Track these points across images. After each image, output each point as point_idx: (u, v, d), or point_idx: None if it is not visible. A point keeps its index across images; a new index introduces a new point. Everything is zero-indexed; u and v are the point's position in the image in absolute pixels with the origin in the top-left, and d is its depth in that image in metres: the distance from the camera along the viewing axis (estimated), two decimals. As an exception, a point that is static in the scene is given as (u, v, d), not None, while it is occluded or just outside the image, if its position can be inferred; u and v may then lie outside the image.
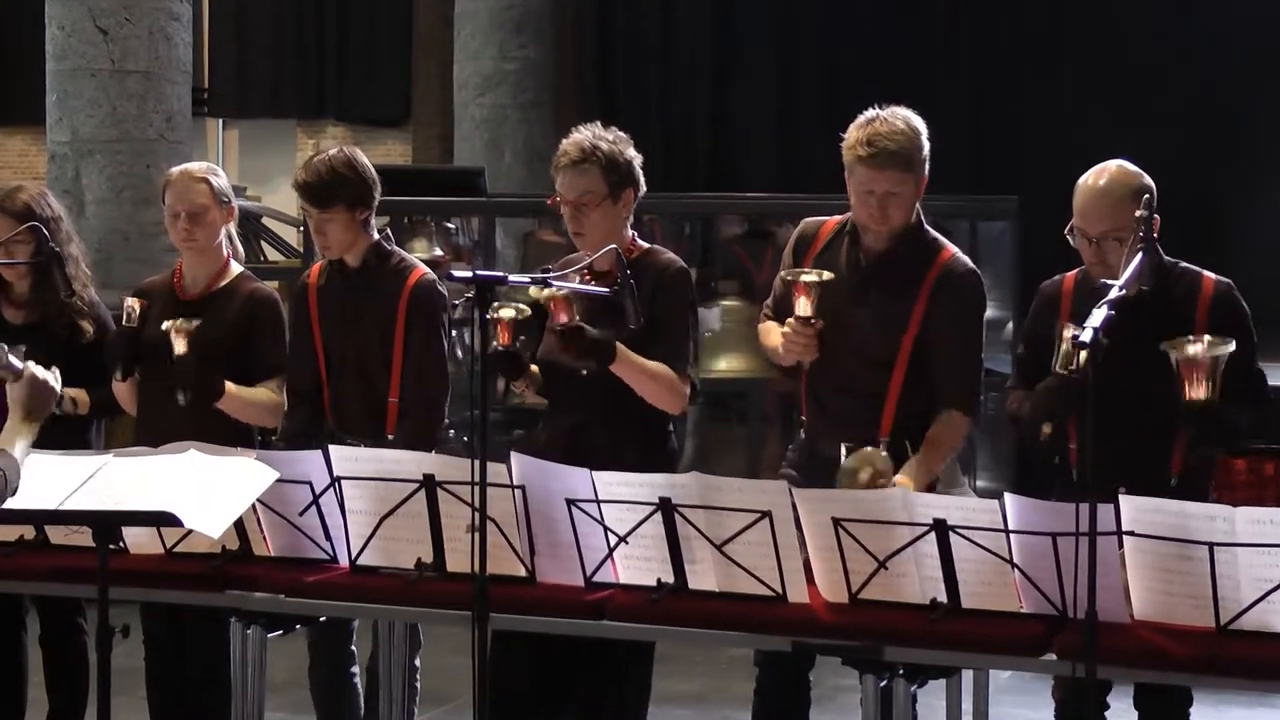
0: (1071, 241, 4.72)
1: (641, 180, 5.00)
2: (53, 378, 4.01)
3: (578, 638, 4.52)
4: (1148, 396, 4.50)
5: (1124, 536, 4.01)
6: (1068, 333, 4.39)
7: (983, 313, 4.93)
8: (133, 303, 5.35)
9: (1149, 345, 4.43)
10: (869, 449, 4.68)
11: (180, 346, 5.14)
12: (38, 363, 4.02)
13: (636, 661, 4.94)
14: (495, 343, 4.78)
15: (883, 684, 4.17)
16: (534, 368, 4.97)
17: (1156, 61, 11.52)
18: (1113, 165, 4.74)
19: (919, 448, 4.77)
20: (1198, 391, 4.33)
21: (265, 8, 15.94)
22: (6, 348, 4.04)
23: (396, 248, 5.42)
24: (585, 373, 4.82)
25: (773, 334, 4.95)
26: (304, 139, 15.58)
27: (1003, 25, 12.21)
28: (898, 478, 4.63)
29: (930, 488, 4.61)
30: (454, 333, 9.30)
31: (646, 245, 5.06)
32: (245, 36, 16.03)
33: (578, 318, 4.75)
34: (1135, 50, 11.52)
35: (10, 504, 3.99)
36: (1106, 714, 4.64)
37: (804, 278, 4.77)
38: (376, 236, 5.34)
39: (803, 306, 4.75)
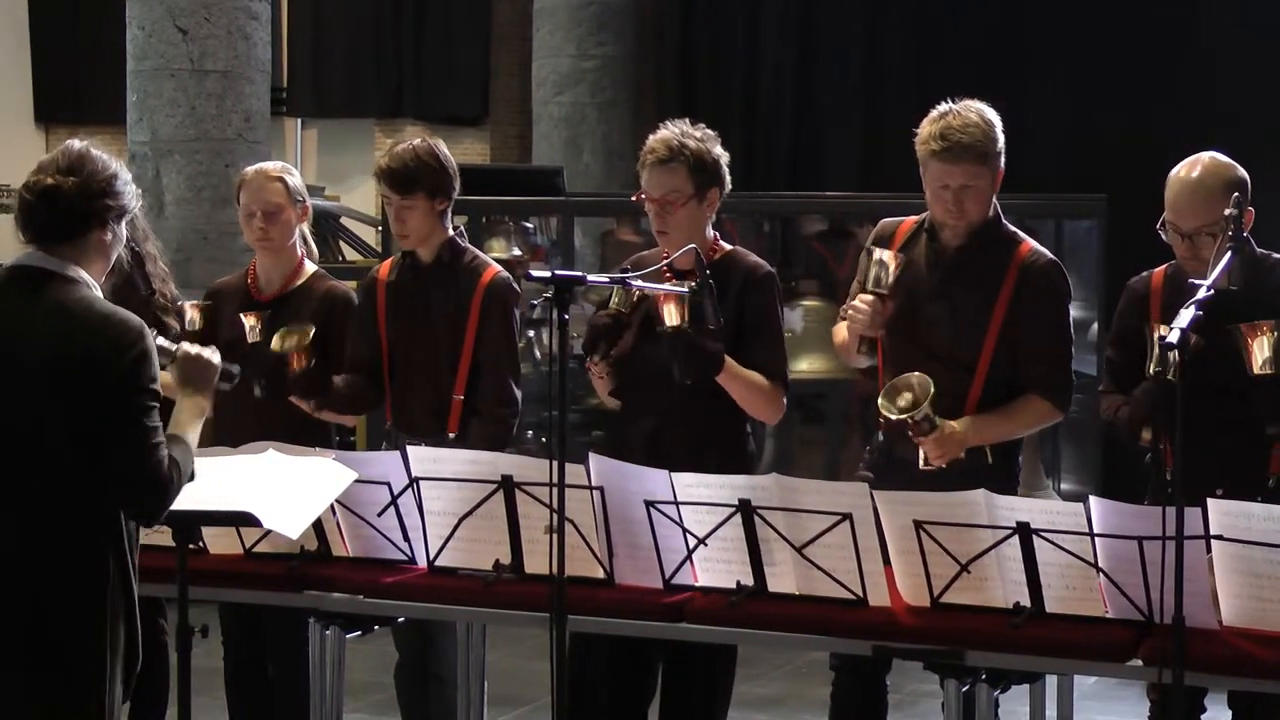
0: (1164, 236, 4.65)
1: (727, 179, 4.96)
2: (208, 351, 4.05)
3: (657, 640, 4.50)
4: (1243, 395, 4.42)
5: (1212, 541, 3.95)
6: (1161, 333, 4.33)
7: (1068, 302, 4.87)
8: (193, 313, 5.37)
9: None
10: (912, 374, 4.60)
11: (253, 336, 5.17)
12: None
13: (720, 665, 4.90)
14: (606, 311, 4.75)
15: (965, 689, 4.13)
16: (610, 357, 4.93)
17: (1242, 58, 11.39)
18: (1205, 157, 4.66)
19: (997, 457, 4.72)
20: (1261, 357, 4.26)
21: (344, 7, 15.99)
22: (155, 333, 4.10)
23: (470, 245, 5.41)
24: (687, 382, 4.77)
25: (843, 333, 4.91)
26: (382, 138, 15.61)
27: (1089, 23, 12.10)
28: (954, 424, 4.57)
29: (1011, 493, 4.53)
30: (530, 333, 9.31)
31: (729, 246, 5.02)
32: (323, 36, 16.09)
33: (686, 322, 4.69)
34: (1223, 47, 11.39)
35: None
36: (1203, 718, 4.58)
37: (884, 252, 4.71)
38: (452, 232, 5.33)
39: (885, 273, 4.70)
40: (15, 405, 3.67)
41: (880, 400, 4.63)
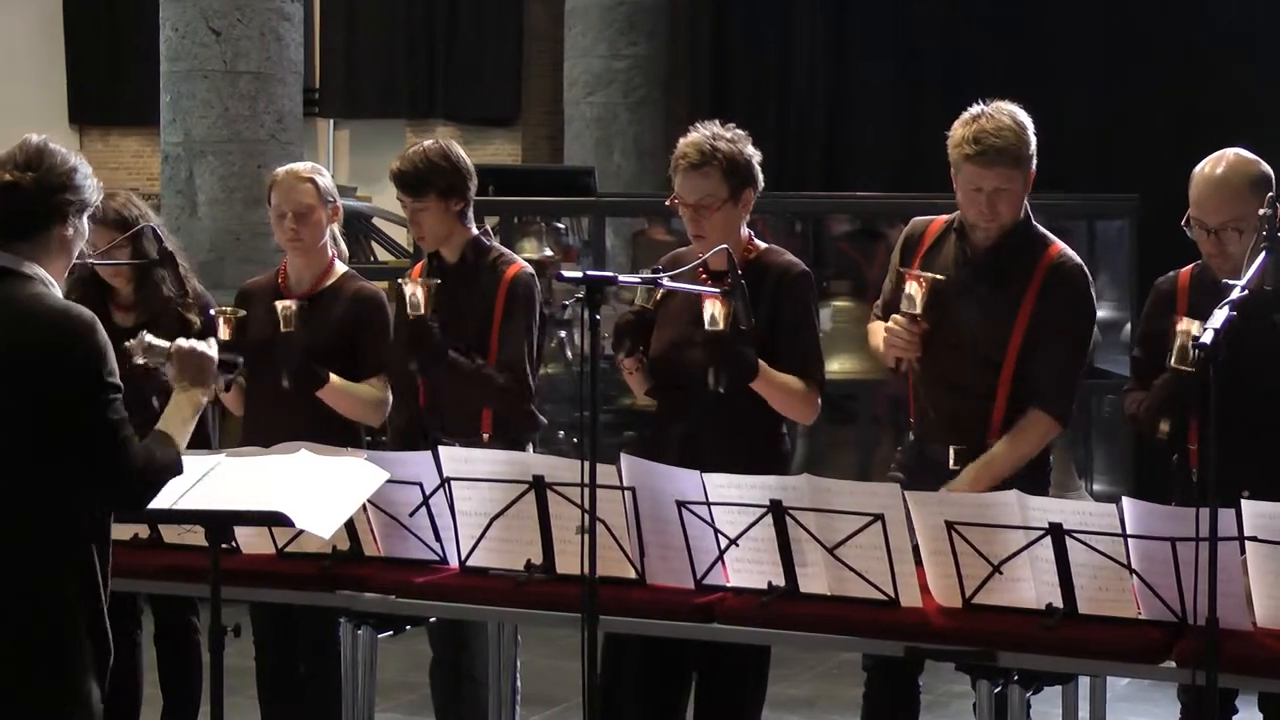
0: (1189, 233, 4.64)
1: (760, 178, 4.94)
2: (203, 345, 4.01)
3: (690, 641, 4.49)
4: (1273, 395, 4.40)
5: (1246, 542, 3.94)
6: (1182, 326, 4.31)
7: (1090, 311, 4.85)
8: (224, 327, 5.37)
9: (1274, 342, 4.34)
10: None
11: (285, 324, 5.18)
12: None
13: (754, 666, 4.90)
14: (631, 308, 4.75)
15: (997, 690, 4.12)
16: (644, 359, 4.92)
17: (1276, 57, 11.34)
18: (1230, 153, 4.64)
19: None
20: None
21: (376, 8, 16.03)
22: (147, 334, 4.09)
23: (495, 243, 5.41)
24: (721, 388, 4.75)
25: (879, 333, 4.90)
26: (414, 139, 15.58)
27: (1122, 21, 12.06)
28: (962, 475, 4.58)
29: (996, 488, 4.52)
30: (561, 334, 9.31)
31: (764, 245, 5.01)
32: (356, 37, 16.13)
33: (728, 327, 4.66)
34: (1262, 45, 11.34)
35: None
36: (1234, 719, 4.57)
37: (918, 271, 4.72)
38: (475, 231, 5.33)
39: (914, 301, 4.70)
40: None
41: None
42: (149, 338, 4.10)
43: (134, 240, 5.50)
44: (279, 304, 5.24)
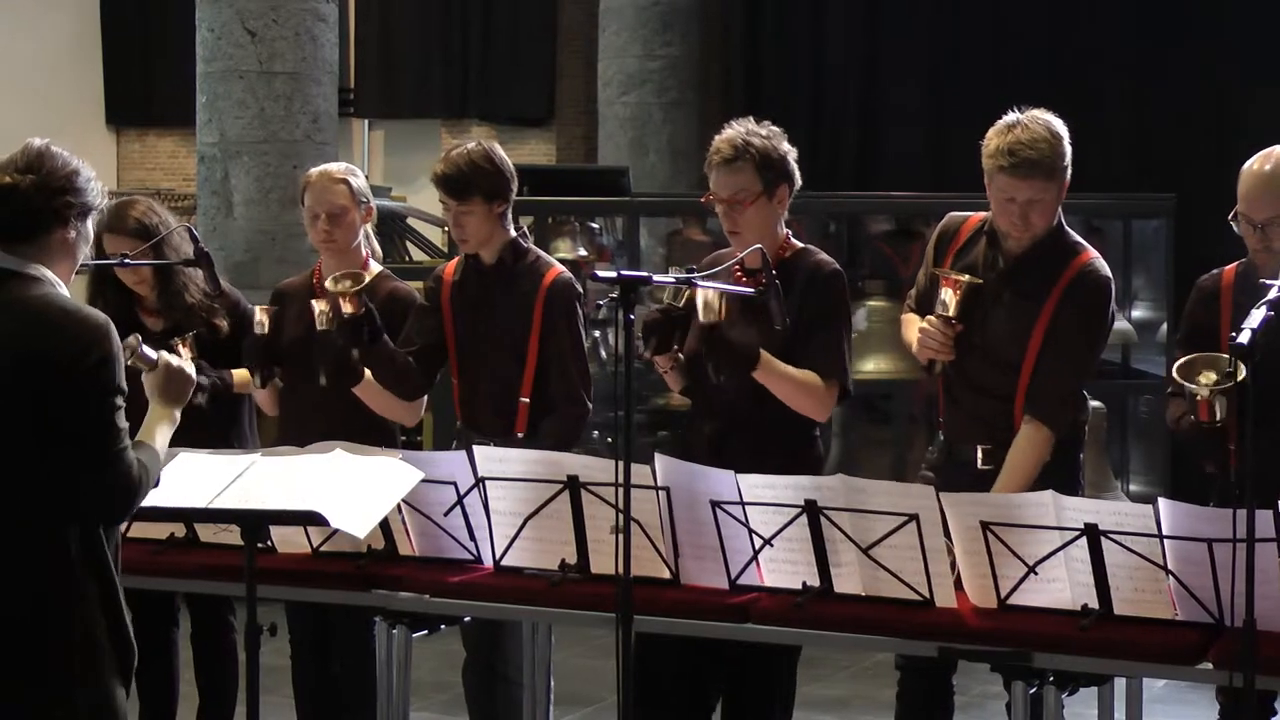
0: (1235, 228, 4.62)
1: (796, 174, 4.93)
2: (189, 365, 4.00)
3: (721, 640, 4.49)
4: None
5: (1283, 543, 3.92)
6: (1195, 387, 4.23)
7: (1102, 324, 4.81)
8: (262, 315, 5.39)
9: None
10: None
11: (322, 322, 5.19)
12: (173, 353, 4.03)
13: (781, 665, 4.89)
14: (657, 306, 4.75)
15: (1032, 691, 4.10)
16: (681, 356, 4.93)
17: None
18: (1278, 150, 4.63)
19: (1055, 454, 4.70)
20: None
21: (410, 9, 16.05)
22: (140, 339, 4.08)
23: (533, 245, 5.41)
24: (721, 379, 4.75)
25: (913, 326, 4.89)
26: (448, 139, 15.65)
27: (1155, 19, 12.01)
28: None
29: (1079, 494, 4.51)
30: (596, 333, 9.31)
31: (800, 245, 5.00)
32: (390, 37, 16.16)
33: (724, 318, 4.69)
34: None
35: (161, 501, 4.02)
36: (1272, 720, 4.55)
37: (953, 275, 4.70)
38: (514, 233, 5.34)
39: (947, 305, 4.68)
40: None
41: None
42: (142, 345, 4.06)
43: (155, 248, 5.48)
44: (315, 303, 5.25)
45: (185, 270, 5.56)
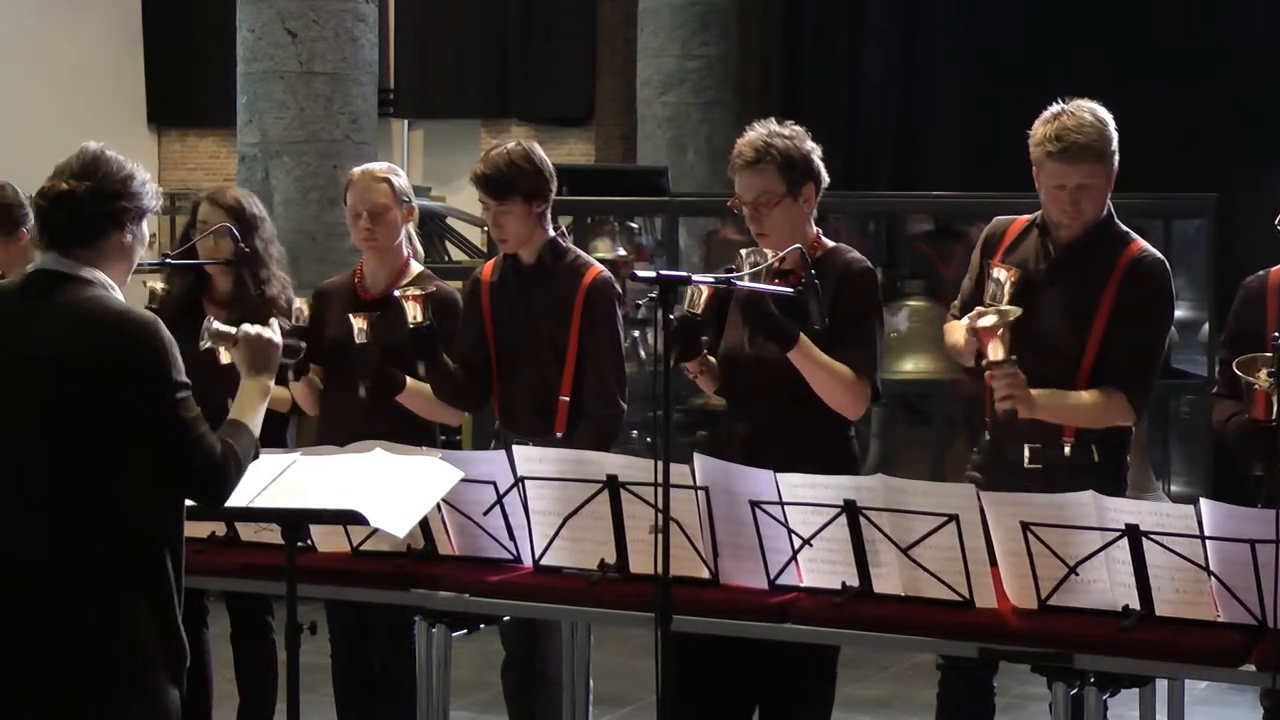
0: None
1: (823, 173, 4.91)
2: (269, 330, 4.02)
3: (760, 640, 4.48)
4: None
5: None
6: (1261, 383, 4.22)
7: (1169, 306, 4.81)
8: (301, 304, 5.42)
9: None
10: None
11: (361, 337, 5.21)
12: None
13: (821, 666, 4.88)
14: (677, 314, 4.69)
15: (1073, 692, 4.09)
16: (711, 359, 4.92)
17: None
18: None
19: (1103, 454, 4.68)
20: None
21: (450, 9, 16.07)
22: (212, 319, 4.12)
23: (573, 245, 5.41)
24: (755, 347, 4.71)
25: (956, 331, 4.87)
26: (487, 139, 15.66)
27: (1195, 16, 11.96)
28: (1039, 392, 4.53)
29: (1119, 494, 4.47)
30: (635, 333, 9.31)
31: (831, 243, 4.99)
32: (430, 37, 16.18)
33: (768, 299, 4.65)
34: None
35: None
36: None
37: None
38: (553, 233, 5.34)
39: (1000, 295, 4.65)
40: (33, 404, 3.63)
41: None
42: (215, 324, 4.11)
43: (229, 237, 5.58)
44: (353, 319, 5.26)
45: (271, 265, 5.65)
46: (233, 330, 4.04)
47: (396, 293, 5.24)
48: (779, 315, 4.67)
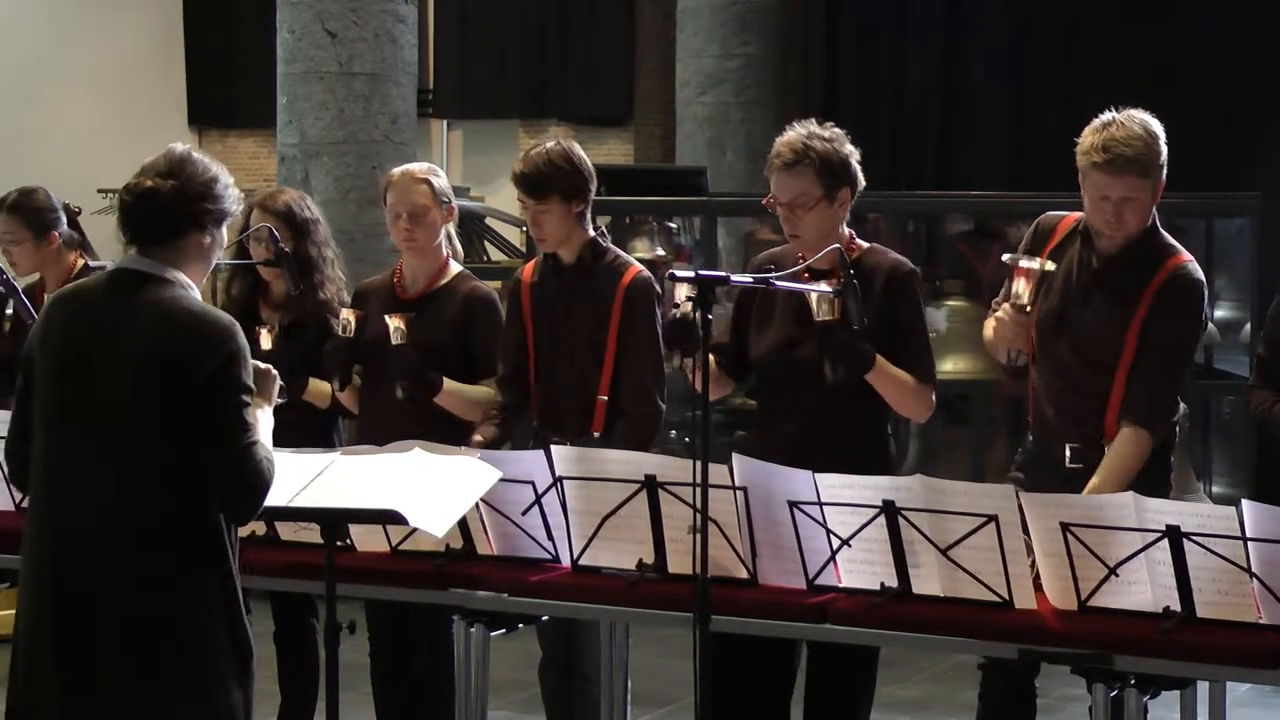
0: None
1: (859, 177, 4.89)
2: (270, 369, 4.04)
3: (799, 641, 4.48)
4: None
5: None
6: None
7: (1195, 328, 4.77)
8: (348, 315, 5.43)
9: None
10: None
11: (397, 338, 5.22)
12: (294, 361, 4.08)
13: (861, 667, 4.87)
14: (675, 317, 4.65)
15: (1113, 694, 4.07)
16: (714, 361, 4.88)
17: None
18: None
19: (1149, 457, 4.66)
20: None
21: (489, 10, 16.10)
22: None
23: (612, 245, 5.42)
24: (836, 379, 4.70)
25: (992, 328, 4.87)
26: (526, 139, 15.67)
27: (1237, 14, 11.90)
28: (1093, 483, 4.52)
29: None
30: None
31: (866, 244, 4.97)
32: (469, 38, 16.20)
33: (839, 317, 4.64)
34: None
35: None
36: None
37: (1024, 262, 4.67)
38: (593, 233, 5.34)
39: (1020, 293, 4.66)
40: (110, 400, 3.70)
41: None
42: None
43: (269, 237, 5.60)
44: (389, 319, 5.27)
45: (325, 268, 5.67)
46: (261, 366, 4.06)
47: (387, 317, 5.26)
48: (854, 340, 4.66)
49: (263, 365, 4.01)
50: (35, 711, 3.75)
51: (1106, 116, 4.68)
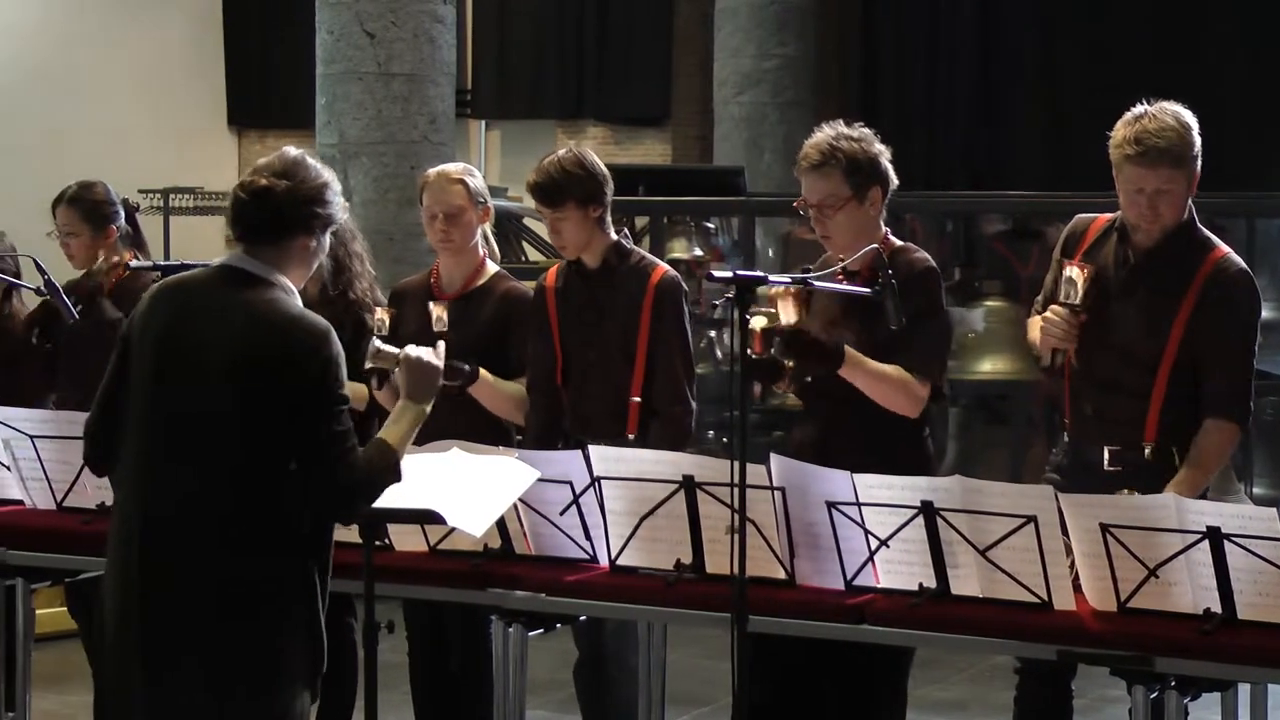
0: None
1: (890, 176, 4.88)
2: (430, 354, 4.08)
3: (832, 641, 4.47)
4: None
5: None
6: None
7: (1255, 316, 4.76)
8: (383, 314, 5.44)
9: None
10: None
11: (439, 326, 5.23)
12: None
13: (896, 667, 4.86)
14: (750, 352, 4.72)
15: (1153, 696, 4.05)
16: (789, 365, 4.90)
17: None
18: None
19: (1184, 457, 4.63)
20: None
21: (527, 10, 16.13)
22: (379, 340, 4.18)
23: (636, 247, 5.42)
24: (809, 379, 4.72)
25: (1035, 328, 4.85)
26: (564, 139, 15.70)
27: (1275, 12, 11.84)
28: (1174, 485, 4.50)
29: (1201, 497, 4.46)
30: (712, 333, 9.31)
31: (899, 243, 4.96)
32: (507, 38, 16.24)
33: (804, 318, 4.65)
34: None
35: None
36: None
37: (1073, 268, 4.66)
38: (615, 236, 5.34)
39: (1075, 283, 4.64)
40: (203, 400, 3.76)
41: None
42: (379, 344, 4.18)
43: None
44: (432, 306, 5.30)
45: (354, 264, 5.68)
46: (396, 352, 4.09)
47: (430, 304, 5.27)
48: (819, 339, 4.66)
49: (416, 356, 4.03)
50: (122, 692, 3.81)
51: (1139, 109, 4.66)
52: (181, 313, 3.85)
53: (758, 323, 4.66)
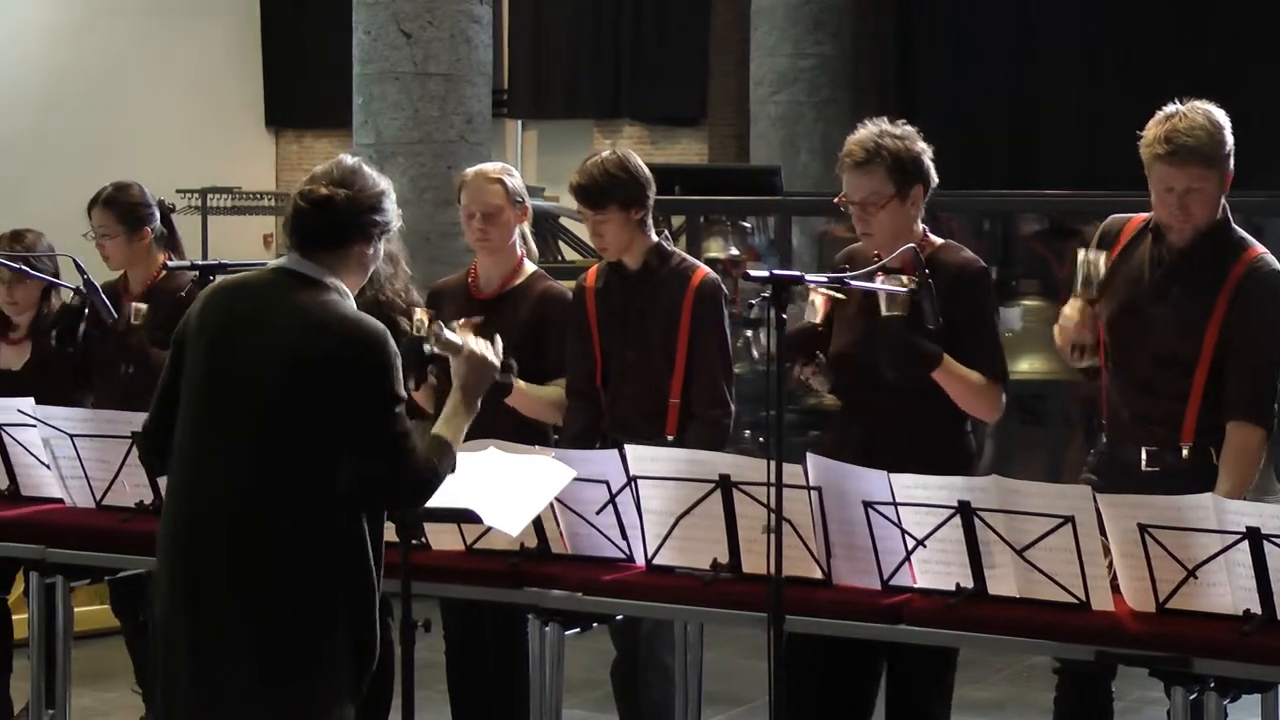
0: None
1: (932, 174, 4.86)
2: (489, 348, 4.13)
3: (877, 642, 4.47)
4: None
5: None
6: None
7: None
8: (421, 314, 5.44)
9: None
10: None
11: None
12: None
13: (939, 668, 4.84)
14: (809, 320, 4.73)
15: (1193, 697, 4.03)
16: (821, 357, 4.89)
17: None
18: None
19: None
20: None
21: (563, 10, 16.15)
22: (443, 325, 4.21)
23: (677, 249, 5.42)
24: (896, 377, 4.71)
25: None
26: (600, 139, 15.72)
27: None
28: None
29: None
30: (748, 333, 9.30)
31: (939, 240, 4.95)
32: (543, 38, 16.26)
33: (908, 313, 4.63)
34: None
35: None
36: None
37: (1084, 250, 4.66)
38: (656, 238, 5.35)
39: (1087, 283, 4.63)
40: (257, 399, 3.79)
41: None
42: (446, 332, 4.21)
43: None
44: (457, 326, 5.29)
45: (386, 267, 5.68)
46: (459, 342, 4.12)
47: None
48: (919, 340, 4.65)
49: (480, 351, 4.10)
50: (171, 677, 3.86)
51: (1170, 108, 4.64)
52: (236, 313, 3.89)
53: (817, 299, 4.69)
